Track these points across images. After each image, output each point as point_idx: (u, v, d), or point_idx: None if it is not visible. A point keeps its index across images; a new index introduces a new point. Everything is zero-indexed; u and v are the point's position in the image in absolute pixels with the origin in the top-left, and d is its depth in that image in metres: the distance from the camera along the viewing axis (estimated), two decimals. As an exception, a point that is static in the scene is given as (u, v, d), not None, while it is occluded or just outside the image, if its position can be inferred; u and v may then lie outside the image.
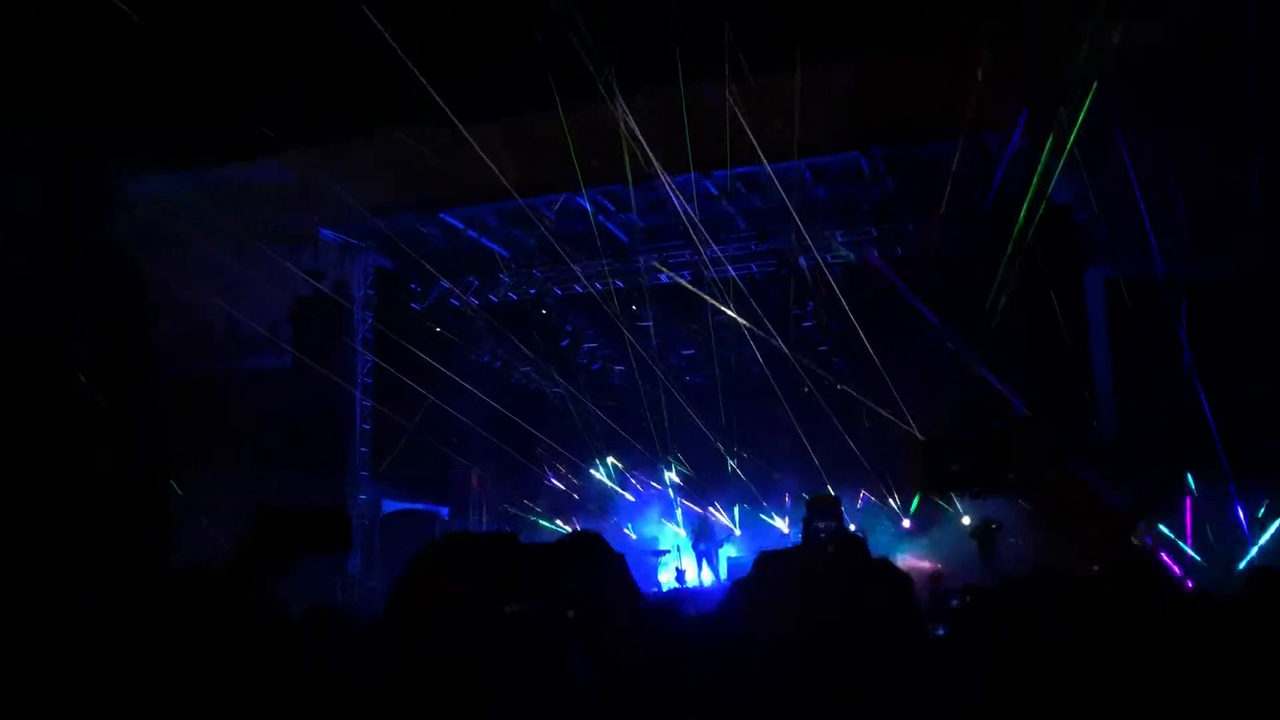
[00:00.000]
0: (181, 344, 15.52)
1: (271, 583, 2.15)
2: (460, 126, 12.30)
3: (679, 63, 11.44)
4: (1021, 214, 13.12)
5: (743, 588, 2.07)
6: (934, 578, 13.51)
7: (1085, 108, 11.47)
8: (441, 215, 15.62)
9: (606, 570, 1.91)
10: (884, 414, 15.73)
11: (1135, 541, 1.67)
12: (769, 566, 1.90)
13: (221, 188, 13.97)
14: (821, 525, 2.45)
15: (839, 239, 15.30)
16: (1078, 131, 12.37)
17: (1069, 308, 13.07)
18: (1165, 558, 11.77)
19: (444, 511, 18.02)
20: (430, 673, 1.72)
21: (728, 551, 17.99)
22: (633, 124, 12.35)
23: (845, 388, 16.97)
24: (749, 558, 17.56)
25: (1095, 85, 11.63)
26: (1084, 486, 1.69)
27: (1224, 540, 12.59)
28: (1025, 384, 13.36)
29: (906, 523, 17.99)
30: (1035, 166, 13.25)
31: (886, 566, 2.38)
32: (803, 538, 2.59)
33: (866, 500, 18.36)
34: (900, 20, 11.68)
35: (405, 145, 14.59)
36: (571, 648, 1.88)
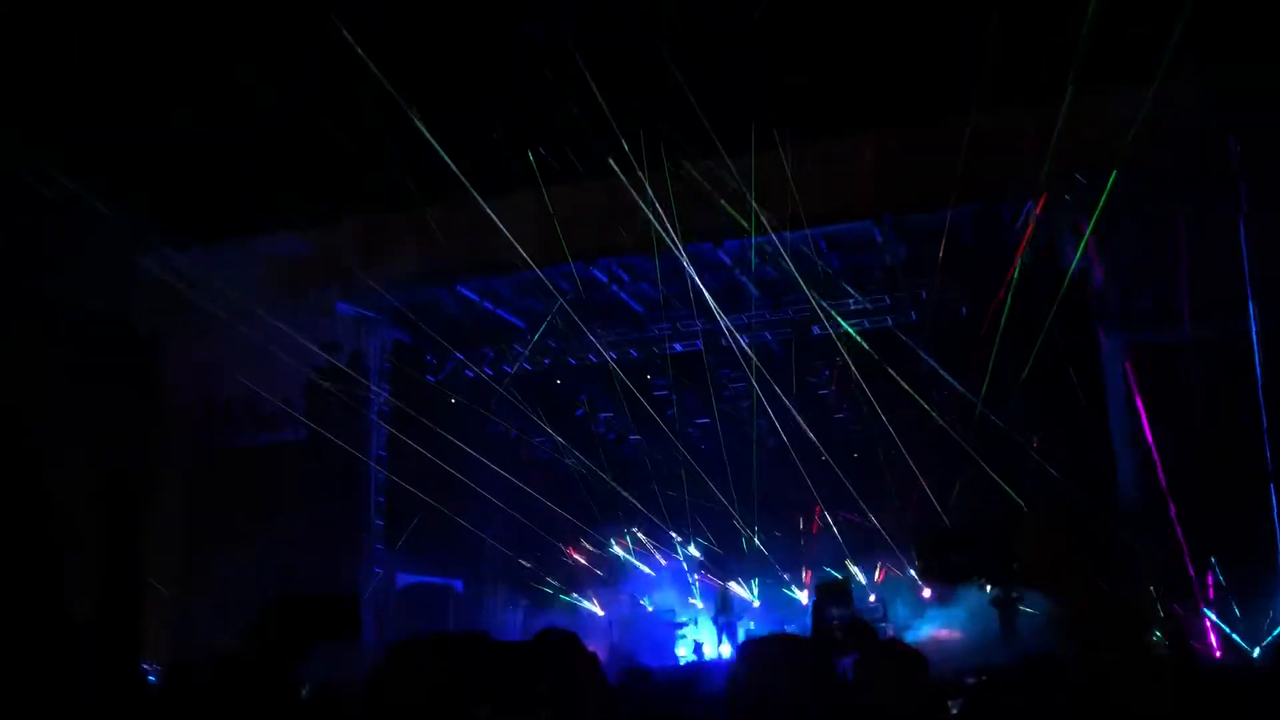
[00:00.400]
0: (201, 420, 15.59)
1: (288, 667, 2.12)
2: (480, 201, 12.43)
3: (712, 136, 11.60)
4: (1037, 274, 13.15)
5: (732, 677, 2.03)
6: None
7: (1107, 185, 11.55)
8: (458, 288, 15.74)
9: (579, 672, 1.87)
10: (900, 484, 15.61)
11: (1149, 637, 1.64)
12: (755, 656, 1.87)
13: (240, 262, 14.14)
14: (834, 613, 2.42)
15: (852, 306, 15.34)
16: (1093, 204, 12.48)
17: (1087, 374, 13.02)
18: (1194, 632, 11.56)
19: (459, 584, 17.87)
20: None
21: (747, 625, 17.73)
22: (650, 196, 12.48)
23: (858, 455, 16.88)
24: (770, 629, 17.34)
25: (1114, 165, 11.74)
26: (1093, 585, 1.67)
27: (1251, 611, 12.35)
28: (1044, 454, 13.24)
29: (926, 592, 17.72)
30: (1049, 234, 13.34)
31: (898, 647, 2.34)
32: (814, 625, 2.55)
33: (886, 571, 18.14)
34: (917, 93, 11.86)
35: (422, 220, 14.80)
36: None
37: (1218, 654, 11.76)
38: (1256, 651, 11.84)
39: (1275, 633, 11.94)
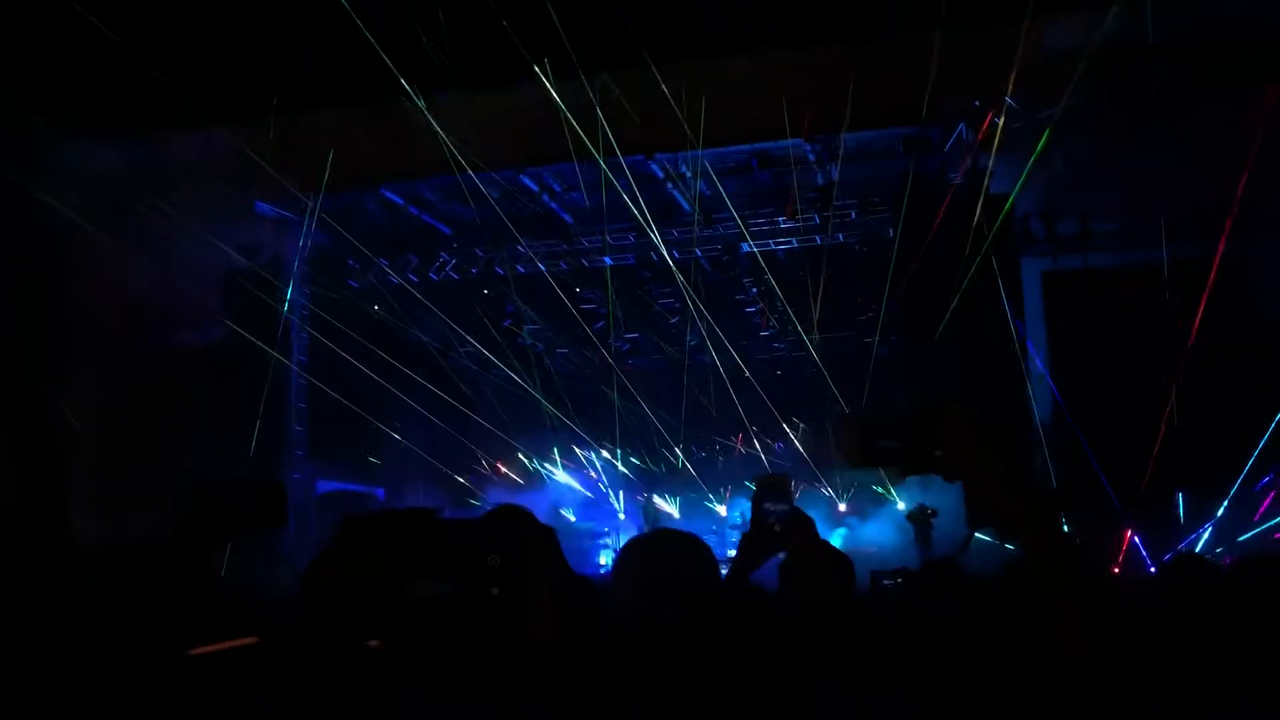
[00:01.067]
0: (114, 321, 15.12)
1: (209, 564, 2.07)
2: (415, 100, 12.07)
3: (635, 44, 11.33)
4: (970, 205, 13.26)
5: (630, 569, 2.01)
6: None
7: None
8: (382, 191, 15.36)
9: (534, 546, 1.84)
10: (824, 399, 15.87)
11: (1065, 531, 1.66)
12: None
13: (155, 160, 13.58)
14: (771, 507, 2.41)
15: (782, 225, 15.35)
16: (1020, 125, 12.54)
17: (1008, 298, 13.24)
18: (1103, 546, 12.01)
19: (380, 492, 17.82)
20: (341, 655, 1.65)
21: (667, 535, 18.00)
22: (591, 102, 12.23)
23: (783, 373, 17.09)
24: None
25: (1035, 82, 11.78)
26: (1013, 473, 1.67)
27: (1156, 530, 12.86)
28: (961, 372, 13.50)
29: (843, 506, 18.18)
30: (978, 159, 13.42)
31: (831, 550, 2.36)
32: (753, 520, 2.54)
33: (802, 486, 18.53)
34: (851, 11, 11.71)
35: (347, 120, 14.36)
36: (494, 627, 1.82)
37: (1116, 569, 12.25)
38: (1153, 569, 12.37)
39: (1178, 549, 12.48)
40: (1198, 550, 12.33)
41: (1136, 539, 12.51)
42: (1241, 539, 12.42)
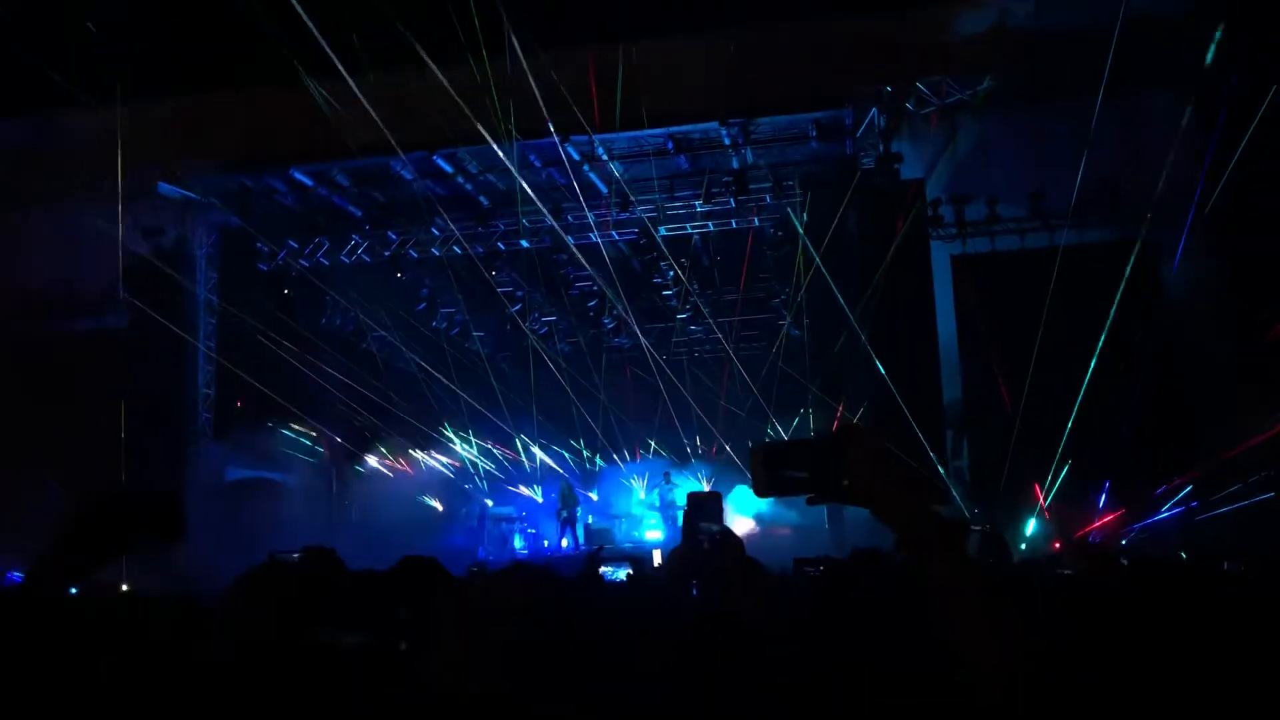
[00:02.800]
0: (15, 307, 14.53)
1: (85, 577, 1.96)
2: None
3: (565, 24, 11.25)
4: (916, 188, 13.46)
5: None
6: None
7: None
8: (292, 172, 14.99)
9: (440, 598, 1.82)
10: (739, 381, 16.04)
11: (968, 558, 1.72)
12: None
13: (57, 139, 13.06)
14: (704, 527, 2.44)
15: (699, 209, 15.41)
16: (930, 110, 12.79)
17: (917, 281, 13.51)
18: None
19: (290, 479, 17.46)
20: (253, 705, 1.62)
21: (586, 518, 18.05)
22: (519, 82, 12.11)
23: (701, 354, 17.21)
24: (608, 522, 17.65)
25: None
26: (917, 501, 1.73)
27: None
28: (875, 355, 13.76)
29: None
30: (888, 143, 13.65)
31: (752, 564, 2.40)
32: (684, 536, 2.56)
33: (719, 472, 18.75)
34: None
35: (254, 99, 13.98)
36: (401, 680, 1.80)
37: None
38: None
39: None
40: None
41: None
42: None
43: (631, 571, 7.10)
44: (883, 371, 12.93)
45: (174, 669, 1.72)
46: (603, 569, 6.43)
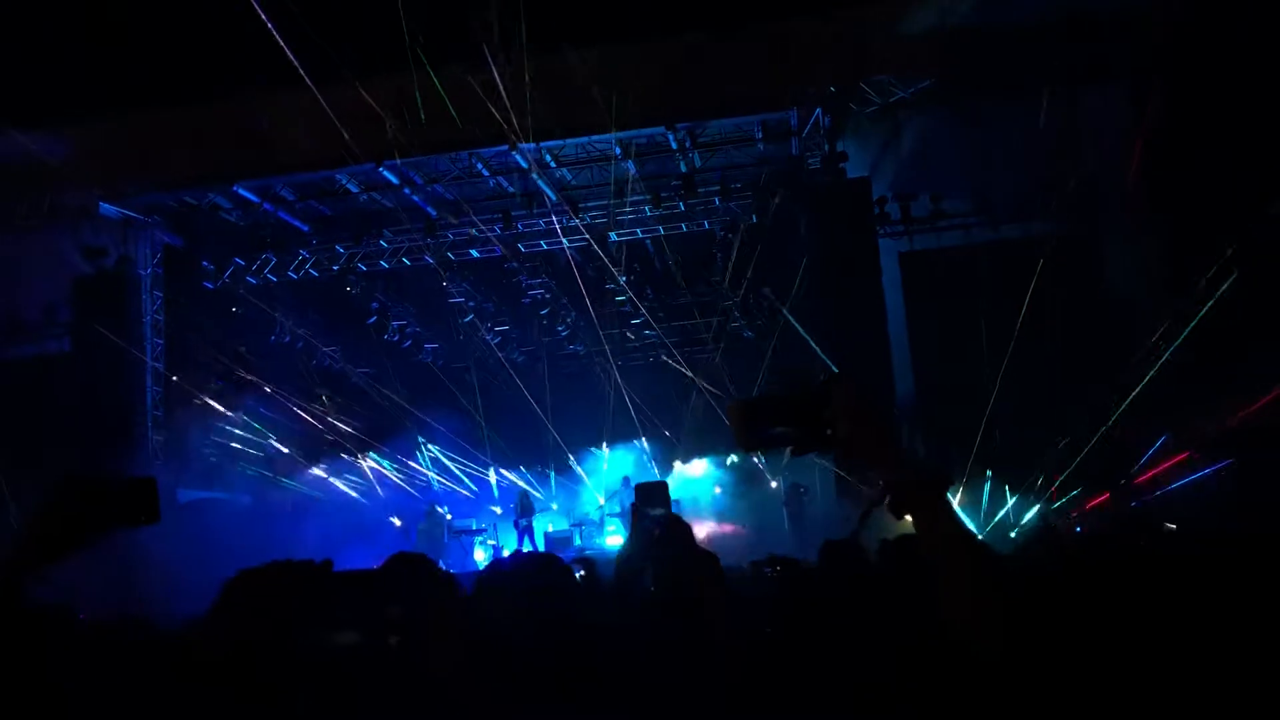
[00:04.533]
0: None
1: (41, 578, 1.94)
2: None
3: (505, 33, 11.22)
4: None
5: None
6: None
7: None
8: (235, 189, 14.80)
9: (433, 596, 1.83)
10: (696, 383, 16.09)
11: (953, 506, 1.72)
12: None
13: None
14: (651, 513, 2.46)
15: (648, 214, 15.44)
16: (873, 109, 12.94)
17: (865, 279, 13.66)
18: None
19: (244, 499, 17.23)
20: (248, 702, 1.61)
21: (544, 524, 18.00)
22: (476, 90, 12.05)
23: (661, 359, 17.25)
24: (568, 530, 17.60)
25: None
26: (902, 450, 1.73)
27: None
28: (827, 354, 13.87)
29: (717, 489, 18.49)
30: (833, 142, 13.79)
31: (701, 552, 2.41)
32: (633, 525, 2.58)
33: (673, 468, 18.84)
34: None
35: (195, 116, 13.81)
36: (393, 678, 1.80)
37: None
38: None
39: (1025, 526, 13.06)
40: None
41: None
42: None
43: (584, 573, 7.08)
44: (834, 369, 13.04)
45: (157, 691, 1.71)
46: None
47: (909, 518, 1.68)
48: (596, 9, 12.05)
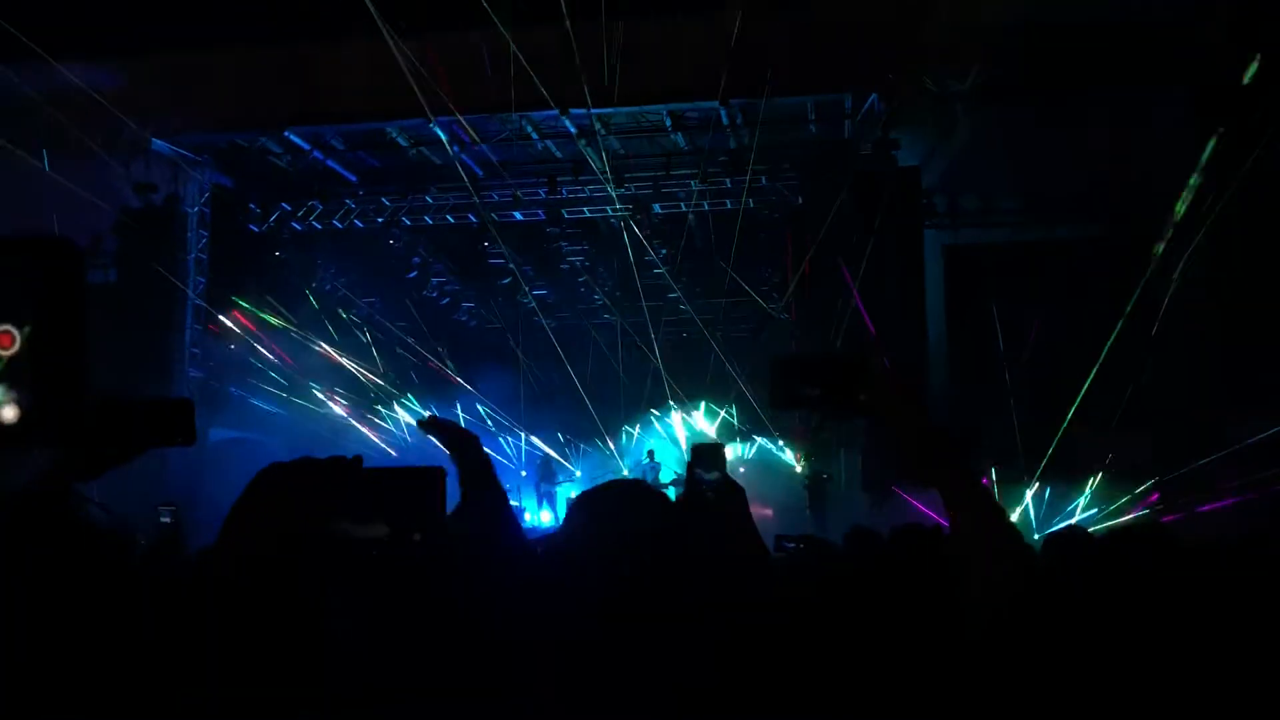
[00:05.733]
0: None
1: (80, 499, 1.98)
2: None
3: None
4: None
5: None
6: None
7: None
8: (287, 134, 14.89)
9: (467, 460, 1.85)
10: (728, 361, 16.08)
11: (981, 480, 1.73)
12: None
13: (46, 89, 12.91)
14: (705, 475, 2.45)
15: (694, 188, 15.38)
16: (930, 100, 12.77)
17: (908, 268, 13.55)
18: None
19: (274, 441, 17.44)
20: (263, 598, 1.63)
21: (567, 492, 18.10)
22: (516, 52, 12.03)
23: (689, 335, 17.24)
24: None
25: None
26: (932, 422, 1.73)
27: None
28: (863, 341, 13.79)
29: (742, 469, 18.49)
30: (886, 129, 13.64)
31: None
32: (687, 486, 2.58)
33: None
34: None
35: (250, 58, 13.89)
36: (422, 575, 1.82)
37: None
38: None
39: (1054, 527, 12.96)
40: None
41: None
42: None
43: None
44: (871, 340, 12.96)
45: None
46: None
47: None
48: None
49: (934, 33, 12.32)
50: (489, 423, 19.01)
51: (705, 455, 2.53)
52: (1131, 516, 12.43)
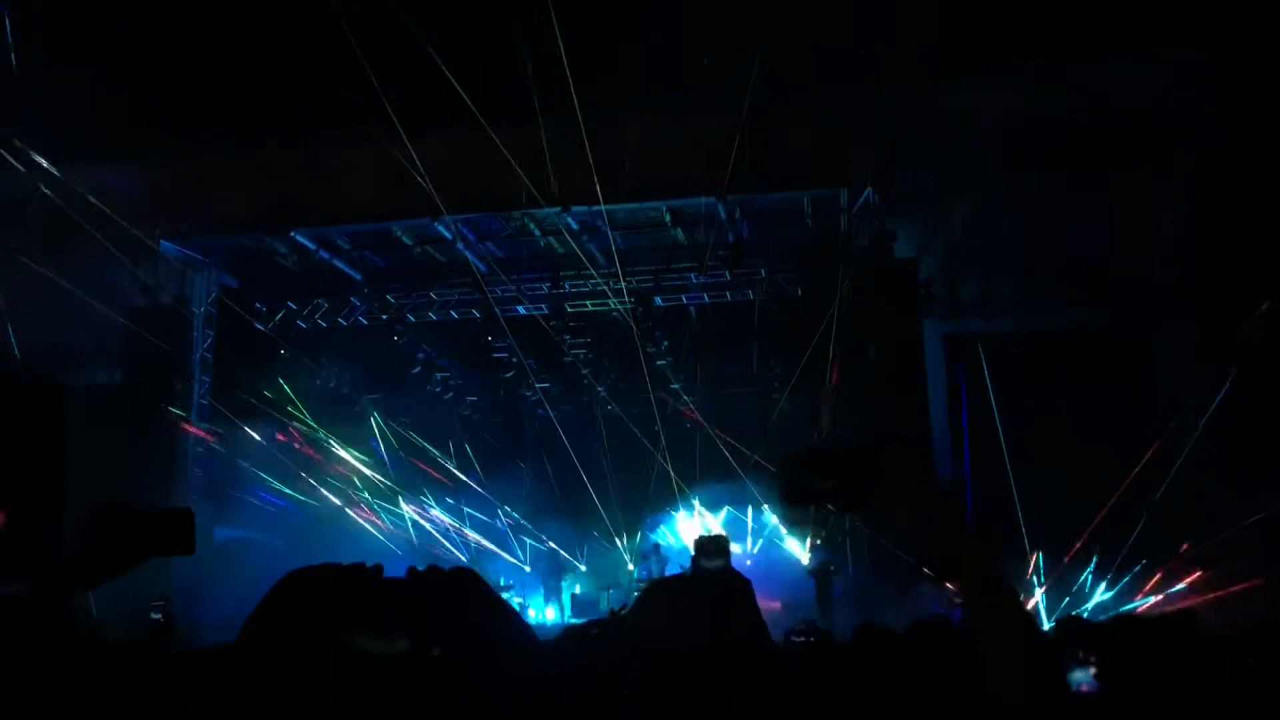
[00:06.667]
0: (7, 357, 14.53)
1: (81, 600, 1.99)
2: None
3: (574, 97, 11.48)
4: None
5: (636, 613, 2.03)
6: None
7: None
8: (293, 234, 15.13)
9: (481, 610, 1.85)
10: (729, 450, 16.05)
11: (1000, 574, 1.68)
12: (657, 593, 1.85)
13: (58, 191, 13.19)
14: (709, 566, 2.47)
15: (694, 280, 15.57)
16: (924, 192, 13.00)
17: (909, 359, 13.63)
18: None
19: (279, 541, 17.32)
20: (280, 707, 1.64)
21: (572, 586, 17.91)
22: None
23: (693, 424, 17.23)
24: (595, 593, 17.49)
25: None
26: (950, 513, 1.70)
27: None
28: (865, 431, 13.80)
29: (748, 562, 18.31)
30: (882, 222, 13.86)
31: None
32: (691, 578, 2.59)
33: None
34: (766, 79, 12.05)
35: (259, 161, 14.20)
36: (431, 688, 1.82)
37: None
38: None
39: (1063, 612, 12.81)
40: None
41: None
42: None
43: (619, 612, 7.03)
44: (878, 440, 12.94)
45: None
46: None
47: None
48: (652, 82, 12.30)
49: (926, 126, 12.62)
50: (500, 523, 18.93)
51: (709, 547, 2.55)
52: (1140, 600, 12.32)
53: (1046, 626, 12.19)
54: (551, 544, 18.50)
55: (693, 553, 2.55)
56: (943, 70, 12.08)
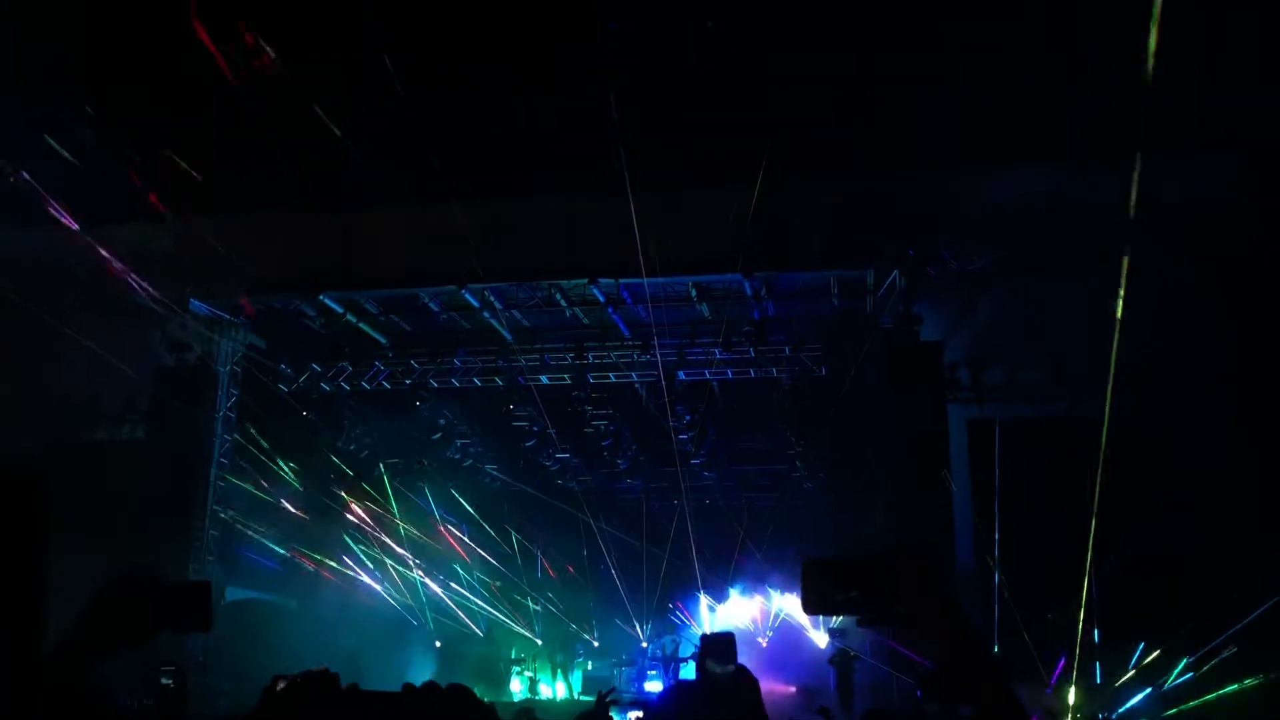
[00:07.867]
0: (33, 412, 14.66)
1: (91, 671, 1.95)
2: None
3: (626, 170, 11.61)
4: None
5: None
6: None
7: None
8: (322, 297, 15.26)
9: None
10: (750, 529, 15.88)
11: (1014, 696, 1.67)
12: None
13: (92, 248, 13.41)
14: (717, 666, 2.40)
15: (718, 356, 15.54)
16: (951, 276, 13.00)
17: (933, 443, 13.48)
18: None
19: (290, 602, 17.22)
20: None
21: (584, 665, 17.65)
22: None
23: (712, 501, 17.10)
24: (607, 670, 17.23)
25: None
26: (969, 629, 1.70)
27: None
28: (890, 515, 13.62)
29: (763, 641, 18.02)
30: (910, 303, 13.83)
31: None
32: (698, 675, 2.53)
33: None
34: (796, 153, 12.16)
35: (290, 224, 14.41)
36: None
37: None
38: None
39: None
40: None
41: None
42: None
43: (641, 715, 6.95)
44: (900, 539, 12.80)
45: None
46: (612, 712, 6.30)
47: None
48: (683, 159, 12.44)
49: (953, 211, 12.65)
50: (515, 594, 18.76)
51: (716, 646, 2.48)
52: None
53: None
54: (564, 618, 18.31)
55: (698, 647, 2.48)
56: (974, 160, 12.15)
